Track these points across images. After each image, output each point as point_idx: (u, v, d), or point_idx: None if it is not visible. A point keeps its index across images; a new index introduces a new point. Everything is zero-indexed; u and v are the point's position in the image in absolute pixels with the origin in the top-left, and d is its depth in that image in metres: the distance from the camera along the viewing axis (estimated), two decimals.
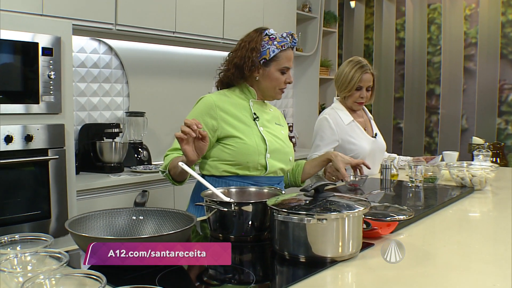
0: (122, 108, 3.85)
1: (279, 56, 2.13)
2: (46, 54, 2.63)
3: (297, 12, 5.07)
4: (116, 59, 3.79)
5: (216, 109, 2.10)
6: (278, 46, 2.12)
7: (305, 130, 5.49)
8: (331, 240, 1.37)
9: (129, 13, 3.40)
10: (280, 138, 2.24)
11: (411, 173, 2.49)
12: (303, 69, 5.61)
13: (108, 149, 3.36)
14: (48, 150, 2.66)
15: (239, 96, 2.21)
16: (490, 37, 4.98)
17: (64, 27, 2.74)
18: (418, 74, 5.52)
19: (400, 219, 1.73)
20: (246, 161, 2.09)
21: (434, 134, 5.50)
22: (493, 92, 5.02)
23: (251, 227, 1.54)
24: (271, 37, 2.13)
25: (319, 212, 1.36)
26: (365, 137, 2.98)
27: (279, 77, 2.16)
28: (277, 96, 2.24)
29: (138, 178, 3.27)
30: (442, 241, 1.66)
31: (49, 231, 2.68)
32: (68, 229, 1.23)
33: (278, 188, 1.78)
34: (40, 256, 1.13)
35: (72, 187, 2.79)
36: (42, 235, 1.21)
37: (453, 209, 2.14)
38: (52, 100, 2.66)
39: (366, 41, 5.92)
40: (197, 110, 2.13)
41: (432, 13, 5.41)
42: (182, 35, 3.77)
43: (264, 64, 2.14)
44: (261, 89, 2.20)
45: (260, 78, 2.17)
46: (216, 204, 1.52)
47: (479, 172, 2.46)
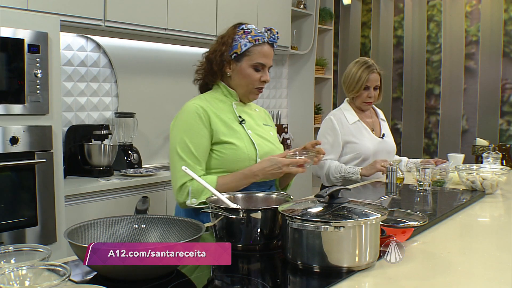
0: (111, 109, 3.79)
1: (251, 51, 2.04)
2: (32, 51, 2.56)
3: (292, 9, 5.03)
4: (104, 57, 3.73)
5: (205, 115, 2.00)
6: (251, 40, 2.03)
7: (301, 131, 5.45)
8: (347, 249, 1.33)
9: (119, 8, 3.34)
10: (270, 140, 2.16)
11: (419, 176, 2.46)
12: (298, 68, 5.58)
13: (97, 152, 3.29)
14: (34, 153, 2.59)
15: (220, 99, 2.11)
16: (492, 35, 4.98)
17: (52, 22, 2.67)
18: (416, 73, 5.51)
19: (414, 225, 1.69)
20: (237, 168, 1.99)
21: (433, 136, 5.48)
22: (495, 92, 5.01)
23: (260, 235, 1.49)
24: (245, 31, 2.05)
25: (335, 219, 1.32)
26: (370, 137, 3.02)
27: (252, 74, 2.06)
28: (252, 96, 2.14)
29: (129, 182, 3.21)
30: (460, 248, 1.62)
31: (36, 239, 2.62)
32: (67, 239, 1.17)
33: (286, 194, 1.73)
34: (37, 270, 1.07)
35: (60, 192, 2.73)
36: (39, 246, 1.15)
37: (466, 214, 2.11)
38: (39, 100, 2.59)
39: (363, 39, 5.90)
40: (187, 122, 2.00)
41: (431, 10, 5.40)
42: (174, 32, 3.72)
43: (235, 59, 2.06)
44: (234, 87, 2.11)
45: (232, 74, 2.08)
46: (223, 210, 1.47)
47: (490, 175, 2.43)
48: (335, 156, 2.97)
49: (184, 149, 1.95)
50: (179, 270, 1.31)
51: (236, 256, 1.49)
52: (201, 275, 1.33)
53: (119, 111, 3.78)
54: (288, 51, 5.07)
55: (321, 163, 2.91)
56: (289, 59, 5.63)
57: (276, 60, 5.45)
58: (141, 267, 1.16)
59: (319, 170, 2.98)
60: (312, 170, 3.05)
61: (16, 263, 1.11)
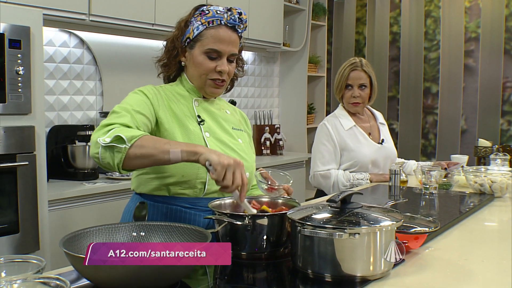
0: (95, 108, 3.73)
1: (203, 35, 1.78)
2: (13, 47, 2.51)
3: (284, 3, 5.01)
4: (88, 54, 3.67)
5: (154, 97, 1.76)
6: (204, 22, 1.78)
7: (293, 132, 5.43)
8: (361, 257, 1.30)
9: (104, 2, 3.30)
10: (233, 148, 1.84)
11: (425, 179, 2.44)
12: (290, 65, 5.55)
13: (81, 154, 3.24)
14: (16, 155, 2.54)
15: (180, 93, 1.86)
16: (493, 31, 5.00)
17: (34, 16, 2.62)
18: (413, 71, 5.51)
19: (426, 231, 1.67)
20: (182, 174, 1.71)
21: (431, 136, 5.49)
22: (496, 91, 5.02)
23: (266, 243, 1.45)
24: (203, 13, 1.81)
25: (349, 225, 1.28)
26: (367, 144, 2.96)
27: (204, 62, 1.79)
28: (209, 90, 1.84)
29: (115, 186, 3.16)
30: (477, 255, 1.59)
31: (17, 247, 2.56)
32: (64, 250, 1.12)
33: (292, 198, 1.70)
34: (30, 284, 1.02)
35: (43, 197, 2.67)
36: (32, 257, 1.10)
37: (476, 219, 2.09)
38: (21, 99, 2.54)
39: (357, 36, 5.89)
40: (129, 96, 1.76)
41: (429, 6, 5.41)
42: (162, 28, 3.65)
43: (189, 46, 1.81)
44: (190, 79, 1.86)
45: (187, 63, 1.85)
46: (227, 216, 1.43)
47: (499, 178, 2.42)
48: (336, 165, 2.92)
49: (120, 107, 1.68)
50: (183, 282, 1.26)
51: (241, 265, 1.46)
52: (205, 287, 1.30)
53: (104, 110, 3.73)
54: (280, 48, 5.05)
55: (326, 174, 2.88)
56: (281, 56, 5.61)
57: (267, 58, 5.42)
58: (142, 278, 1.13)
59: (323, 181, 2.90)
60: (313, 182, 2.98)
61: (8, 276, 1.06)
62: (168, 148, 1.49)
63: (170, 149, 1.49)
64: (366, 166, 2.91)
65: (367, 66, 3.02)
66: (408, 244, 1.55)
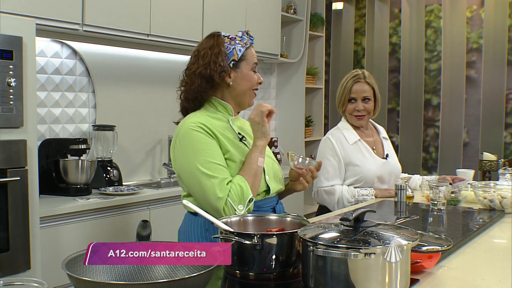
0: (88, 121, 3.71)
1: (246, 54, 2.15)
2: (5, 58, 2.49)
3: (282, 14, 5.01)
4: (81, 65, 3.65)
5: (209, 131, 2.02)
6: (242, 44, 2.14)
7: (291, 145, 5.40)
8: (376, 278, 1.28)
9: (98, 12, 3.28)
10: (268, 155, 2.18)
11: (433, 194, 2.42)
12: (287, 77, 5.54)
13: (74, 168, 3.21)
14: (7, 170, 2.50)
15: (214, 117, 2.12)
16: (496, 42, 5.02)
17: (26, 26, 2.60)
18: (414, 82, 5.52)
19: (439, 250, 1.65)
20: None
21: (432, 149, 5.49)
22: (499, 102, 5.04)
23: (275, 263, 1.43)
24: (231, 38, 2.15)
25: (364, 245, 1.26)
26: (372, 159, 2.95)
27: (253, 76, 2.15)
28: (251, 100, 2.20)
29: (109, 201, 3.13)
30: (494, 275, 1.58)
31: (7, 266, 2.51)
32: (67, 272, 1.09)
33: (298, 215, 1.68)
34: None
35: (35, 213, 2.64)
36: (33, 280, 1.07)
37: (487, 236, 2.08)
38: (12, 112, 2.51)
39: (356, 47, 5.90)
40: (194, 141, 2.00)
41: (429, 16, 5.43)
42: (157, 38, 3.68)
43: (234, 66, 2.12)
44: (236, 95, 2.16)
45: (233, 82, 2.13)
46: (234, 236, 1.40)
47: (510, 193, 2.41)
48: (340, 181, 2.89)
49: (206, 166, 1.95)
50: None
51: (249, 286, 1.43)
52: None
53: (97, 123, 3.71)
54: (277, 59, 5.05)
55: (330, 190, 2.86)
56: (278, 68, 5.60)
57: (264, 69, 5.42)
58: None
59: (327, 197, 2.88)
60: (316, 198, 2.96)
61: None
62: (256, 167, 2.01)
63: (258, 164, 2.01)
64: (371, 182, 2.88)
65: (370, 78, 3.01)
66: (422, 263, 1.53)
